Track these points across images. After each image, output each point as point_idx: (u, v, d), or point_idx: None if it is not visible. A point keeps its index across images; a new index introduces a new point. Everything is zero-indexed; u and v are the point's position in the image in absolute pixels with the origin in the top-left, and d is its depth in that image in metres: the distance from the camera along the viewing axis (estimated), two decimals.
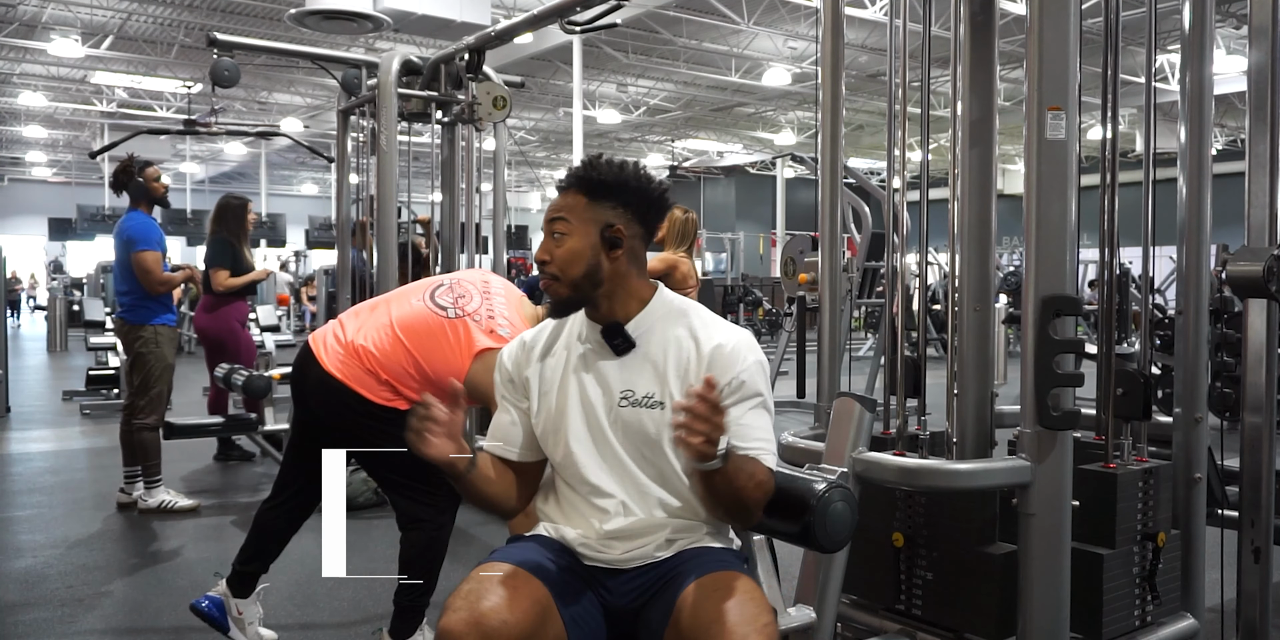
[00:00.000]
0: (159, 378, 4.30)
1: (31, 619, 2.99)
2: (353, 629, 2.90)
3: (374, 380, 2.45)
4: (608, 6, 3.51)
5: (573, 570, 1.62)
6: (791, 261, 7.43)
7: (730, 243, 22.19)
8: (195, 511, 4.33)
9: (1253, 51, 2.35)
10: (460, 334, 2.45)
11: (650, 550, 1.61)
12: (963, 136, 2.15)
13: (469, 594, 1.47)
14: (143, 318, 4.28)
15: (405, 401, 2.42)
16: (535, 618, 1.49)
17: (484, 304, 2.52)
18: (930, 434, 2.14)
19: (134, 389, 4.32)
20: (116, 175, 4.38)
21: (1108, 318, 2.19)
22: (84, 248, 24.79)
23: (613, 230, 1.63)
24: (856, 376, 6.94)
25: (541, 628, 1.50)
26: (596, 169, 1.65)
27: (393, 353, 2.46)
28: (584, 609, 1.58)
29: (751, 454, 1.57)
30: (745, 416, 1.60)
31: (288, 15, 9.60)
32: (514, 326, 2.47)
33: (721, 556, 1.61)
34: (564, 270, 1.63)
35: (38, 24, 13.84)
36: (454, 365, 2.42)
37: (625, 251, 1.64)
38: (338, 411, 2.49)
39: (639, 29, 13.75)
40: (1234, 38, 13.65)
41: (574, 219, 1.63)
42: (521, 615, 1.46)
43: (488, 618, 1.43)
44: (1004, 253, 17.10)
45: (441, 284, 2.60)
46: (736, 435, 1.57)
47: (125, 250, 4.28)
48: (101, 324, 9.69)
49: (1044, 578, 1.89)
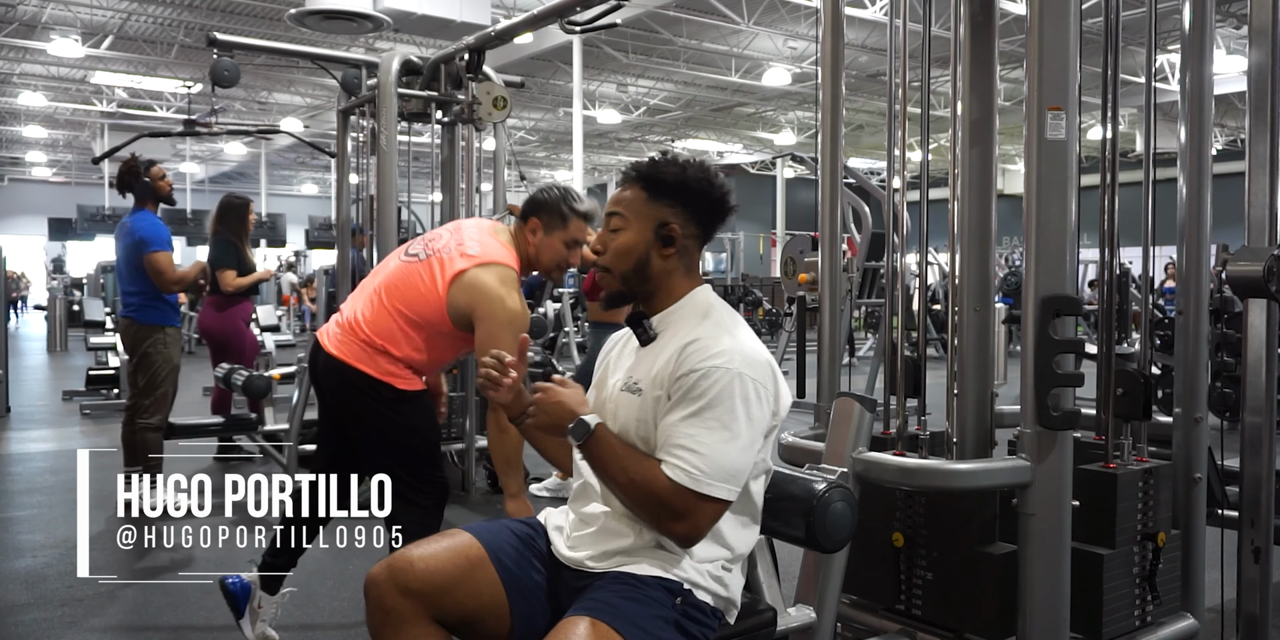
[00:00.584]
0: (165, 378, 4.31)
1: (31, 619, 2.99)
2: (353, 629, 2.90)
3: (370, 351, 2.47)
4: (608, 6, 3.51)
5: (535, 548, 1.67)
6: (791, 261, 7.42)
7: (730, 243, 22.18)
8: (195, 512, 4.32)
9: (1253, 51, 2.35)
10: (434, 270, 2.48)
11: (585, 556, 1.61)
12: (963, 136, 2.15)
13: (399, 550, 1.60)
14: (153, 318, 4.28)
15: (404, 369, 2.46)
16: (455, 569, 1.57)
17: (453, 238, 2.54)
18: (930, 434, 2.15)
19: (139, 389, 4.32)
20: (122, 176, 4.37)
21: (1108, 318, 2.19)
22: (84, 248, 24.80)
23: (667, 228, 1.64)
24: (856, 377, 6.94)
25: (464, 580, 1.56)
26: (659, 166, 1.66)
27: (379, 314, 2.48)
28: (535, 582, 1.62)
29: (661, 458, 1.52)
30: (677, 422, 1.52)
31: (288, 15, 9.60)
32: (483, 245, 2.49)
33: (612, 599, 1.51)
34: (615, 263, 1.65)
35: (38, 24, 13.84)
36: (433, 301, 2.44)
37: (678, 250, 1.65)
38: (341, 391, 2.53)
39: (639, 29, 13.75)
40: (1234, 38, 13.64)
41: (630, 214, 1.66)
42: (436, 564, 1.56)
43: (399, 563, 1.56)
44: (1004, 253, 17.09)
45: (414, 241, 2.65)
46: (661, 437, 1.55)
47: (136, 251, 4.26)
48: (101, 324, 9.71)
49: (1044, 578, 1.89)
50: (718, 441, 1.50)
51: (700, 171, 1.66)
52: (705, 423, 1.50)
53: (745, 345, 1.57)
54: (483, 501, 4.55)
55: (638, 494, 1.51)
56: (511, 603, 1.58)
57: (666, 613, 1.51)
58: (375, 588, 1.55)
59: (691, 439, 1.50)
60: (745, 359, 1.54)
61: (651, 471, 1.51)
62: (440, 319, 2.45)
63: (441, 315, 2.44)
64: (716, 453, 1.49)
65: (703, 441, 1.49)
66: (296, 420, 4.71)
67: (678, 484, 1.49)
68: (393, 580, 1.54)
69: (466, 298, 2.42)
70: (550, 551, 1.67)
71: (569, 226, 2.51)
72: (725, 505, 1.52)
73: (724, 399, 1.50)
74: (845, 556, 1.92)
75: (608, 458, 1.54)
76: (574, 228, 2.52)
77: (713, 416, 1.50)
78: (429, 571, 1.55)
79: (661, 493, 1.49)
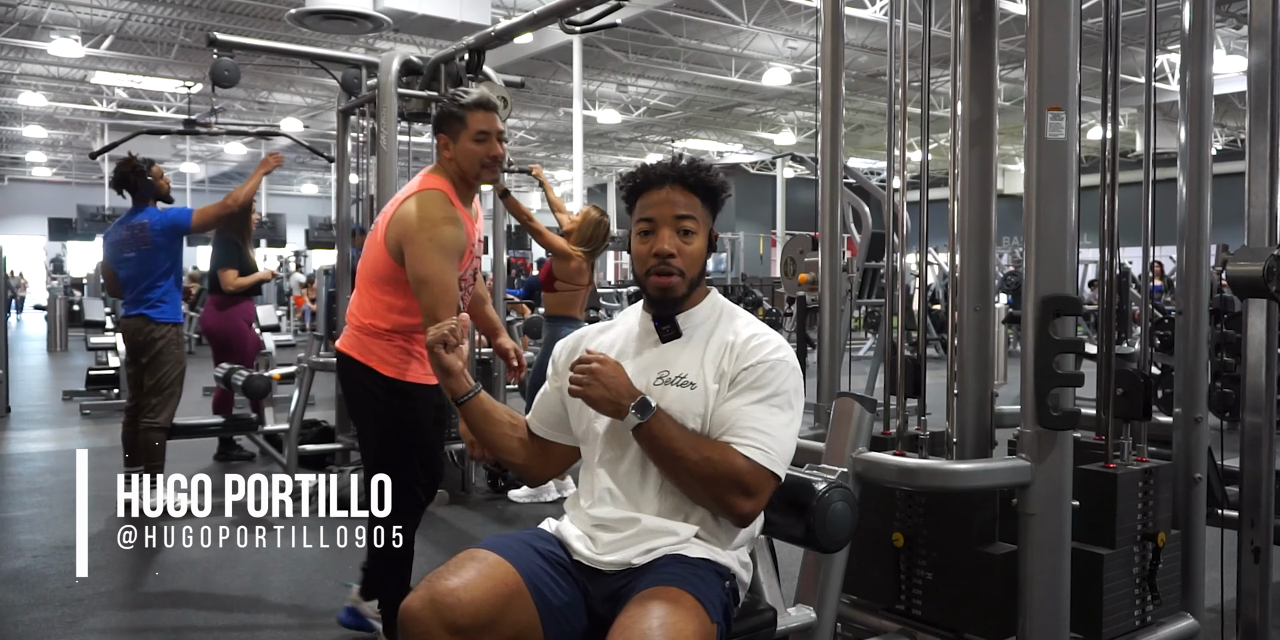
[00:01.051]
0: (176, 379, 4.35)
1: (31, 619, 2.99)
2: (352, 629, 2.90)
3: (361, 336, 2.56)
4: (608, 6, 3.51)
5: (561, 564, 1.63)
6: (791, 261, 7.42)
7: (730, 243, 22.17)
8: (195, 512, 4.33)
9: (1253, 51, 2.35)
10: (377, 227, 2.57)
11: (629, 555, 1.61)
12: (963, 136, 2.15)
13: (433, 575, 1.53)
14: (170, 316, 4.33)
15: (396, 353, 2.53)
16: (497, 600, 1.51)
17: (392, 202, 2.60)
18: (930, 434, 2.14)
19: (148, 388, 4.35)
20: (126, 175, 4.38)
21: (1108, 318, 2.19)
22: (84, 248, 24.78)
23: (715, 236, 1.74)
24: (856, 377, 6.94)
25: (505, 611, 1.52)
26: (708, 174, 1.71)
27: (360, 294, 2.59)
28: (565, 601, 1.59)
29: (732, 440, 1.59)
30: (746, 406, 1.61)
31: (288, 15, 9.60)
32: (408, 186, 2.57)
33: (679, 571, 1.56)
34: (689, 267, 1.68)
35: (38, 24, 13.84)
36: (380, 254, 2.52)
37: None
38: (344, 381, 2.67)
39: (639, 29, 13.75)
40: (1234, 38, 13.64)
41: (699, 220, 1.70)
42: (480, 595, 1.50)
43: (444, 597, 1.48)
44: (1004, 253, 17.10)
45: None
46: (729, 421, 1.61)
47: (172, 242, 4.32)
48: (101, 324, 9.70)
49: (1044, 578, 1.89)
50: (781, 425, 1.62)
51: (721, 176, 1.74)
52: (771, 408, 1.61)
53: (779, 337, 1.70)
54: (483, 501, 4.55)
55: (711, 471, 1.56)
56: (545, 628, 1.56)
57: (720, 594, 1.58)
58: (419, 624, 1.48)
59: (762, 421, 1.60)
60: (794, 356, 1.68)
61: (726, 451, 1.58)
62: (390, 268, 2.49)
63: (389, 263, 2.48)
64: (783, 435, 1.61)
65: (771, 424, 1.60)
66: (296, 420, 4.71)
67: (755, 463, 1.58)
68: (439, 617, 1.47)
69: (395, 232, 2.48)
70: (575, 562, 1.65)
71: (469, 123, 2.51)
72: (779, 483, 1.62)
73: (787, 389, 1.64)
74: (845, 556, 1.91)
75: (674, 436, 1.58)
76: (474, 121, 2.51)
77: (777, 403, 1.62)
78: (475, 604, 1.49)
79: (740, 470, 1.57)
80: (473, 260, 2.65)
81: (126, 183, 4.38)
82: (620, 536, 1.63)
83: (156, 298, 4.31)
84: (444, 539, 3.90)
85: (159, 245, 4.31)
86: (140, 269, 4.35)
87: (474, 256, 2.68)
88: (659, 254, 1.66)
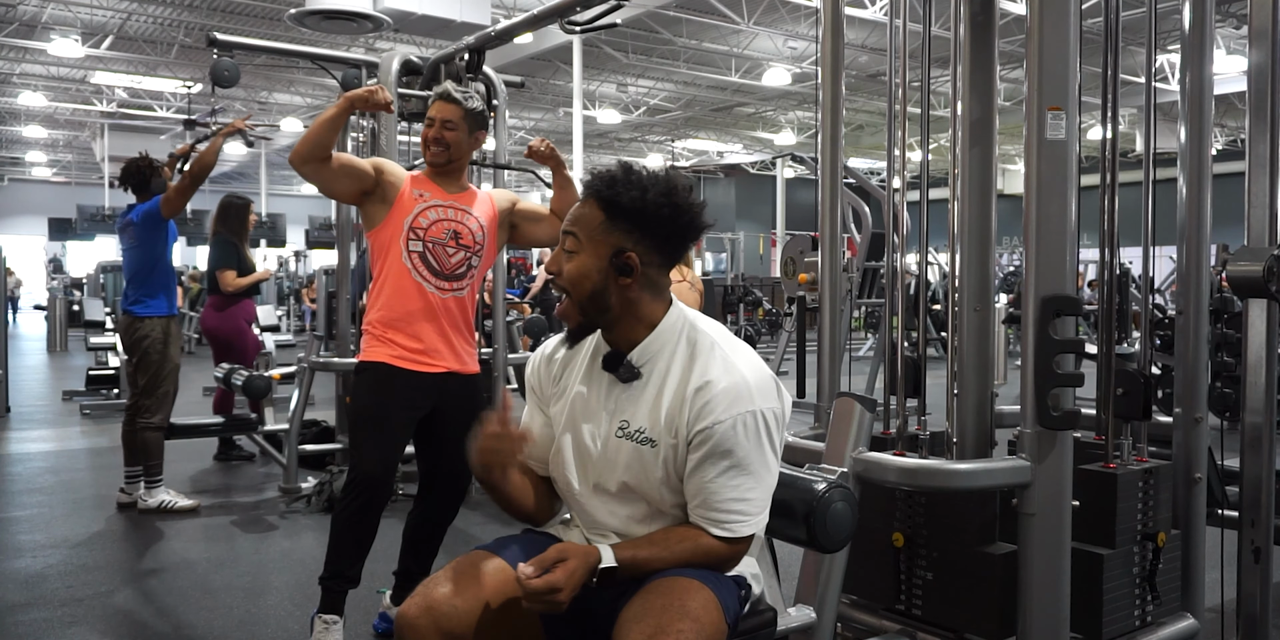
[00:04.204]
0: (166, 377, 4.33)
1: (31, 619, 2.99)
2: (353, 630, 2.90)
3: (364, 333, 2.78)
4: (608, 6, 3.51)
5: None
6: (791, 261, 7.43)
7: (730, 243, 22.16)
8: (195, 512, 4.33)
9: (1253, 51, 2.35)
10: None
11: None
12: (963, 136, 2.15)
13: (429, 581, 1.50)
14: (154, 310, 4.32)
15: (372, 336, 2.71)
16: (495, 606, 1.48)
17: None
18: (930, 434, 2.15)
19: (140, 388, 4.33)
20: (141, 170, 4.41)
21: (1108, 318, 2.19)
22: (84, 248, 24.79)
23: (624, 257, 1.50)
24: (856, 377, 6.93)
25: (504, 616, 1.49)
26: (618, 188, 1.51)
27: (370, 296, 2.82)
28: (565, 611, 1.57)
29: (704, 524, 1.50)
30: (714, 480, 1.49)
31: (288, 15, 9.60)
32: None
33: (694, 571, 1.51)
34: (571, 287, 1.54)
35: (38, 24, 13.84)
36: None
37: (636, 279, 1.52)
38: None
39: (639, 29, 13.75)
40: (1234, 38, 13.65)
41: (585, 236, 1.53)
42: (477, 602, 1.46)
43: (439, 605, 1.44)
44: (1004, 253, 17.10)
45: None
46: (698, 497, 1.51)
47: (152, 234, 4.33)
48: (101, 324, 9.70)
49: (1044, 578, 1.89)
50: (759, 484, 1.51)
51: (664, 195, 1.51)
52: (746, 471, 1.49)
53: (750, 373, 1.51)
54: (483, 501, 4.55)
55: (690, 563, 1.50)
56: (546, 633, 1.54)
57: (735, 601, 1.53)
58: (414, 631, 1.43)
59: (737, 490, 1.49)
60: (758, 390, 1.50)
61: (699, 541, 1.50)
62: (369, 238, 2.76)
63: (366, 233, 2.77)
64: (760, 494, 1.52)
65: (748, 488, 1.50)
66: (296, 420, 4.72)
67: (731, 539, 1.51)
68: (435, 625, 1.43)
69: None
70: None
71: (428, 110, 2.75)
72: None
73: (755, 444, 1.49)
74: (845, 556, 1.91)
75: (643, 562, 1.48)
76: (431, 111, 2.73)
77: (749, 463, 1.49)
78: (471, 612, 1.45)
79: (718, 553, 1.51)
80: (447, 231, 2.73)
81: (139, 178, 4.40)
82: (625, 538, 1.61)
83: (141, 294, 4.32)
84: (444, 539, 3.89)
85: (141, 239, 4.34)
86: (130, 264, 4.40)
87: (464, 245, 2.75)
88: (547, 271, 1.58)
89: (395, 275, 2.68)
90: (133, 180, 4.42)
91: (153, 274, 4.35)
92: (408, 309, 2.67)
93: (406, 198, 2.69)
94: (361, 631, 2.88)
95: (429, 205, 2.71)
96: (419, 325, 2.68)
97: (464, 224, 2.75)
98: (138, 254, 4.36)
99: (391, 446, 2.68)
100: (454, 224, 2.73)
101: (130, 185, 4.43)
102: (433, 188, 2.74)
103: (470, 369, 2.79)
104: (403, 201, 2.69)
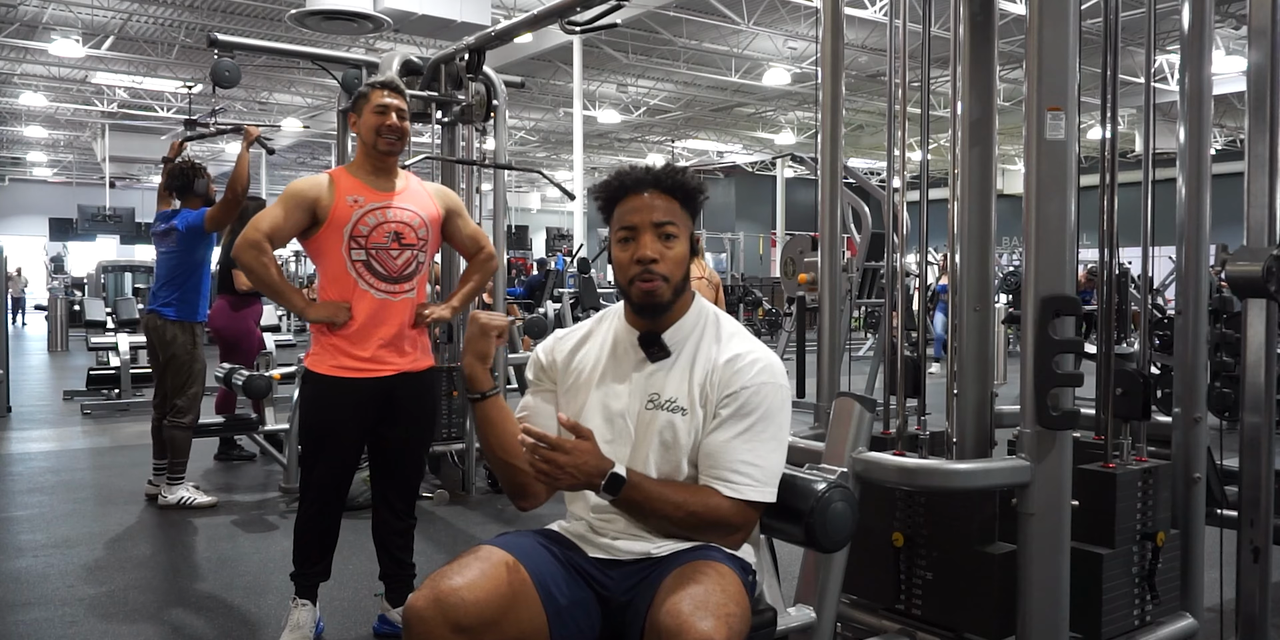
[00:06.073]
0: (196, 378, 4.44)
1: (31, 619, 2.99)
2: (352, 630, 2.90)
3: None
4: (608, 6, 3.51)
5: (571, 563, 1.63)
6: (791, 261, 7.43)
7: (730, 243, 22.19)
8: (213, 508, 4.38)
9: (1252, 52, 2.35)
10: None
11: (648, 547, 1.62)
12: (963, 136, 2.15)
13: (437, 574, 1.51)
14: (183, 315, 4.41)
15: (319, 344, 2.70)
16: (502, 598, 1.50)
17: None
18: (930, 434, 2.15)
19: (171, 389, 4.42)
20: (185, 173, 4.50)
21: (1107, 318, 2.19)
22: (84, 248, 24.78)
23: (695, 240, 1.72)
24: (856, 377, 6.94)
25: (511, 609, 1.51)
26: (684, 177, 1.68)
27: None
28: (574, 601, 1.58)
29: (717, 483, 1.58)
30: (731, 440, 1.60)
31: (288, 15, 9.61)
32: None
33: (711, 553, 1.58)
34: (673, 273, 1.65)
35: (38, 24, 13.85)
36: None
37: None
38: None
39: (639, 29, 13.76)
40: (1234, 38, 13.65)
41: (680, 225, 1.67)
42: (485, 594, 1.48)
43: (448, 596, 1.46)
44: (1004, 253, 17.11)
45: None
46: (713, 458, 1.60)
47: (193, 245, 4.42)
48: (102, 324, 9.69)
49: (1044, 577, 1.89)
50: (771, 452, 1.61)
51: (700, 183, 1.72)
52: (760, 436, 1.60)
53: (772, 355, 1.67)
54: (483, 501, 4.55)
55: (697, 521, 1.57)
56: (552, 627, 1.55)
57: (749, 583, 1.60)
58: (423, 623, 1.45)
59: (752, 453, 1.59)
60: (780, 370, 1.65)
61: (709, 496, 1.58)
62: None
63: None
64: (772, 462, 1.61)
65: (761, 454, 1.60)
66: (296, 420, 4.72)
67: (739, 501, 1.58)
68: (443, 616, 1.45)
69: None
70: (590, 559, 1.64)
71: (371, 98, 2.73)
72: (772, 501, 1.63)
73: (775, 412, 1.62)
74: (845, 556, 1.92)
75: (652, 500, 1.56)
76: (375, 96, 2.73)
77: (765, 429, 1.61)
78: (479, 603, 1.47)
79: (726, 514, 1.58)
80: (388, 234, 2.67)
81: (184, 181, 4.49)
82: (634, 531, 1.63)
83: (174, 297, 4.41)
84: (444, 538, 3.90)
85: (184, 246, 4.43)
86: (164, 266, 4.49)
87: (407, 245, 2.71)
88: (641, 260, 1.63)
89: (341, 286, 2.65)
90: (177, 183, 4.52)
91: (190, 279, 4.45)
92: (356, 318, 2.64)
93: (341, 205, 2.62)
94: (362, 634, 2.88)
95: (366, 210, 2.64)
96: (367, 332, 2.65)
97: (405, 222, 2.69)
98: (178, 259, 4.45)
99: (340, 460, 2.72)
100: (394, 225, 2.67)
101: (174, 188, 4.52)
102: (365, 190, 2.67)
103: (421, 365, 2.77)
104: (338, 210, 2.62)
